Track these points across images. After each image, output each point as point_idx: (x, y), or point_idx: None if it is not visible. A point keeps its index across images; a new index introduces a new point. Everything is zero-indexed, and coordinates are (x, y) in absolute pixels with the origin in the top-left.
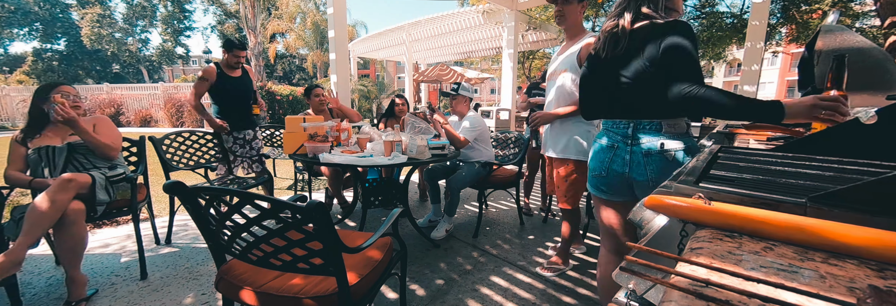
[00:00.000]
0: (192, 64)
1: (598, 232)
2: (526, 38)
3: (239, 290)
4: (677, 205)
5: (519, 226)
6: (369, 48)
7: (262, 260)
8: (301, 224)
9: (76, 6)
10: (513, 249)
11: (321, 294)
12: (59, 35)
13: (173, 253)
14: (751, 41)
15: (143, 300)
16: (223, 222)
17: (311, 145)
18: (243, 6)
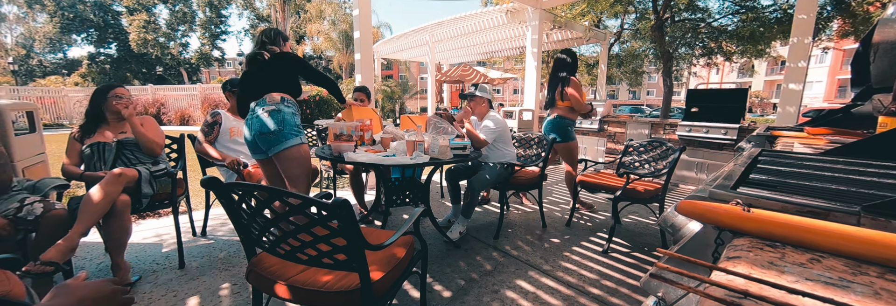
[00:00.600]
0: (227, 66)
1: (623, 235)
2: (550, 37)
3: (267, 282)
4: (713, 211)
5: (541, 228)
6: (393, 49)
7: (289, 254)
8: (326, 220)
9: (126, 13)
10: (534, 251)
11: (344, 289)
12: (111, 40)
13: (208, 244)
14: (797, 36)
15: (180, 287)
16: (254, 216)
17: (336, 144)
18: (274, 10)
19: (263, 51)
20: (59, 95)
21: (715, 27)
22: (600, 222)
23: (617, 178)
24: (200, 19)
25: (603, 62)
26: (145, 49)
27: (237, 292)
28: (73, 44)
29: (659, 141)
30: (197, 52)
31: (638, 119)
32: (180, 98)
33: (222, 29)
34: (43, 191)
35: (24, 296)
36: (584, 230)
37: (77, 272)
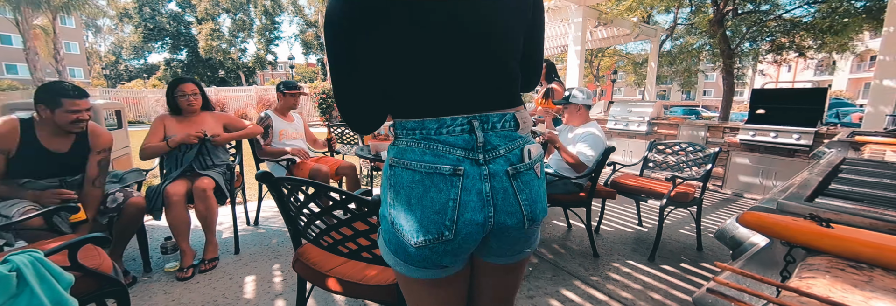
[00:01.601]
0: (279, 69)
1: (648, 239)
2: (594, 34)
3: (311, 271)
4: (783, 225)
5: (589, 246)
6: None
7: (331, 247)
8: (367, 216)
9: (195, 23)
10: (573, 258)
11: (381, 283)
12: (182, 47)
13: (260, 233)
14: (892, 25)
15: (236, 271)
16: (301, 209)
17: (373, 143)
18: (322, 16)
19: None
20: (141, 96)
21: (787, 19)
22: (628, 226)
23: (650, 181)
24: (257, 26)
25: (652, 60)
26: (211, 54)
27: (285, 279)
28: (153, 51)
29: (693, 143)
30: (253, 57)
31: (692, 121)
32: (238, 98)
33: (275, 35)
34: (126, 182)
35: (111, 271)
36: (618, 235)
37: (152, 252)
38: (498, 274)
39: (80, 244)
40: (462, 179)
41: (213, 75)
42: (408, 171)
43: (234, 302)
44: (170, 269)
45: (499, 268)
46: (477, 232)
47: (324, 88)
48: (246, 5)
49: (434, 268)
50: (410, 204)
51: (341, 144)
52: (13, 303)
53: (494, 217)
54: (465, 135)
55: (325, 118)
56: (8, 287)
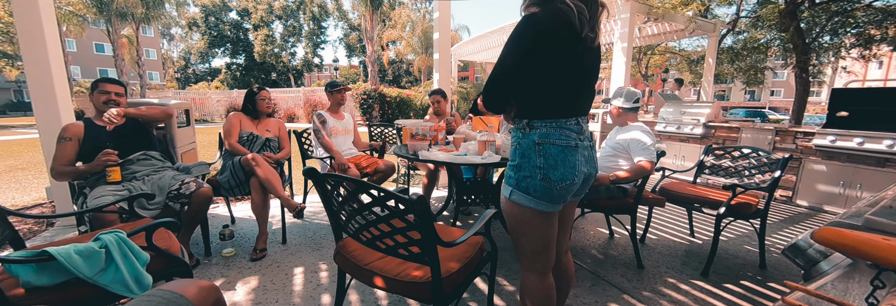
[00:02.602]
0: (324, 71)
1: (699, 252)
2: (643, 30)
3: (350, 264)
4: (873, 244)
5: (615, 242)
6: (470, 51)
7: (369, 242)
8: (404, 214)
9: (252, 29)
10: (615, 268)
11: (416, 280)
12: (241, 52)
13: (304, 225)
14: None
15: (284, 260)
16: (342, 205)
17: (412, 143)
18: (364, 20)
19: None
20: (205, 97)
21: (879, 8)
22: (678, 237)
23: (705, 189)
24: (305, 31)
25: (710, 57)
26: (264, 58)
27: (326, 269)
28: (216, 56)
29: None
30: (302, 60)
31: (758, 125)
32: (288, 99)
33: (322, 38)
34: (194, 174)
35: (179, 252)
36: (666, 246)
37: (211, 238)
38: (569, 207)
39: (156, 227)
40: (578, 150)
41: (267, 77)
42: (554, 146)
43: (281, 288)
44: (226, 254)
45: (571, 204)
46: (582, 178)
47: (364, 89)
48: (296, 12)
49: (560, 203)
50: (557, 164)
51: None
52: (101, 276)
53: (589, 170)
54: (577, 126)
55: (365, 118)
56: (98, 261)
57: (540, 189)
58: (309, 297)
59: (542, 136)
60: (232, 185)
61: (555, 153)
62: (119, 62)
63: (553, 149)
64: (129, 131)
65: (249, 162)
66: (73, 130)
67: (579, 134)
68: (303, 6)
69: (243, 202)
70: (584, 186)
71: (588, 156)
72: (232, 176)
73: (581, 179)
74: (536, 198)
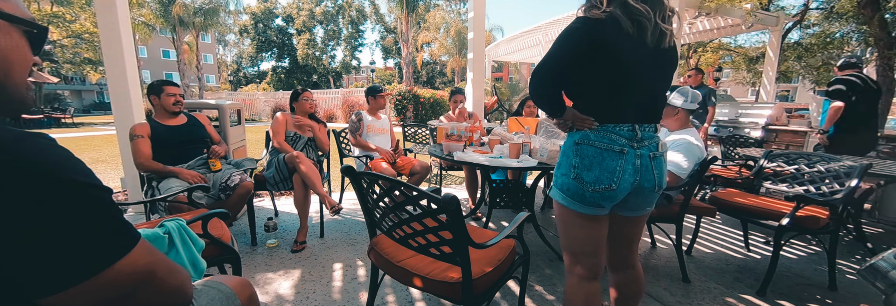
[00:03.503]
0: (361, 73)
1: (752, 269)
2: (694, 26)
3: (383, 260)
4: None
5: (657, 253)
6: (505, 51)
7: (402, 240)
8: (436, 213)
9: (296, 34)
10: (657, 280)
11: (447, 280)
12: (285, 56)
13: (341, 221)
14: None
15: (321, 253)
16: (377, 202)
17: (447, 143)
18: (400, 22)
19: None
20: (254, 98)
21: None
22: (730, 250)
23: (763, 199)
24: (344, 35)
25: (773, 53)
26: (306, 61)
27: (360, 265)
28: (263, 60)
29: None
30: (340, 62)
31: None
32: (327, 100)
33: (359, 41)
34: (243, 168)
35: (229, 241)
36: (716, 259)
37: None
38: (626, 223)
39: (211, 216)
40: (625, 156)
41: (308, 79)
42: (592, 147)
43: (318, 279)
44: (270, 245)
45: (627, 220)
46: (627, 188)
47: (399, 90)
48: (336, 16)
49: (595, 207)
50: (592, 165)
51: (414, 143)
52: None
53: (639, 181)
54: (630, 133)
55: (399, 118)
56: (162, 245)
57: (572, 188)
58: (344, 290)
59: (582, 137)
60: (277, 181)
61: (591, 154)
62: (182, 66)
63: (590, 151)
64: (190, 130)
65: (293, 159)
66: (142, 129)
67: (632, 140)
68: (342, 11)
69: (287, 197)
70: (638, 200)
71: (641, 166)
72: (277, 172)
73: (625, 188)
74: (569, 197)
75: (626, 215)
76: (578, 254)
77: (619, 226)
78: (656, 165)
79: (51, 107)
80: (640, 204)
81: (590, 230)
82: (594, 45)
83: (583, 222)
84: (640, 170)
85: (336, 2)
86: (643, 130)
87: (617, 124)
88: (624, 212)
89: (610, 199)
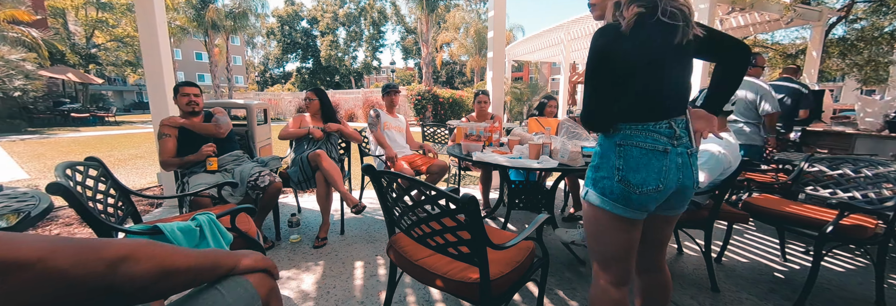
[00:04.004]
0: (382, 73)
1: (790, 280)
2: (726, 22)
3: (401, 258)
4: None
5: (705, 277)
6: (525, 50)
7: (420, 238)
8: (455, 213)
9: (319, 36)
10: (684, 289)
11: (464, 280)
12: (309, 57)
13: (360, 219)
14: None
15: (342, 249)
16: (396, 201)
17: (465, 143)
18: (420, 23)
19: None
20: (279, 98)
21: None
22: (764, 259)
23: (802, 206)
24: (366, 36)
25: (814, 50)
26: (329, 62)
27: (379, 262)
28: (288, 61)
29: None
30: (362, 63)
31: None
32: (349, 100)
33: (380, 42)
34: (269, 166)
35: (256, 235)
36: (748, 268)
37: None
38: (662, 224)
39: (238, 211)
40: (668, 155)
41: (331, 80)
42: (637, 148)
43: (338, 275)
44: (293, 240)
45: (664, 219)
46: (673, 187)
47: (419, 90)
48: (358, 18)
49: (641, 211)
50: (639, 167)
51: (433, 143)
52: None
53: (682, 179)
54: (669, 130)
55: (419, 118)
56: (194, 237)
57: (617, 191)
58: (364, 287)
59: (624, 138)
60: (300, 179)
61: (636, 156)
62: (213, 68)
63: (635, 152)
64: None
65: (317, 157)
66: (170, 129)
67: (672, 138)
68: (364, 12)
69: (309, 193)
70: (679, 199)
71: (683, 164)
72: (300, 170)
73: (670, 188)
74: (612, 200)
75: (664, 215)
76: (610, 259)
77: (653, 227)
78: (693, 162)
79: (96, 107)
80: (679, 203)
81: (627, 234)
82: (608, 54)
83: (622, 226)
84: (682, 168)
85: (358, 3)
86: (678, 126)
87: (656, 122)
88: (663, 211)
89: (656, 201)
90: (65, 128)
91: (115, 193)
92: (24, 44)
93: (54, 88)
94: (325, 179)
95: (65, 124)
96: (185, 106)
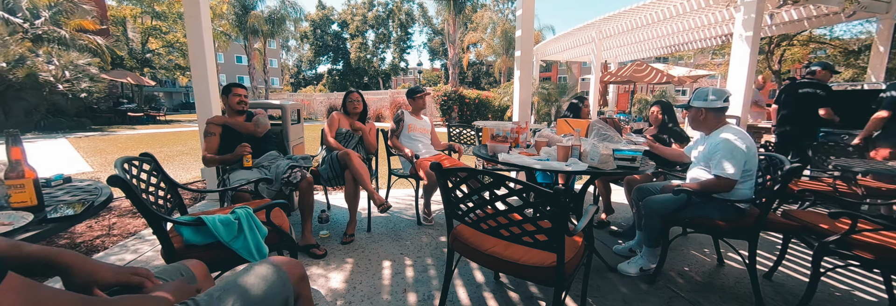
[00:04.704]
0: (408, 74)
1: None
2: (777, 17)
3: (469, 249)
4: None
5: (749, 292)
6: (554, 50)
7: (492, 230)
8: (544, 205)
9: (349, 38)
10: (722, 301)
11: (539, 264)
12: (340, 59)
13: (386, 218)
14: None
15: (368, 246)
16: (467, 197)
17: (491, 144)
18: (447, 24)
19: None
20: (311, 98)
21: None
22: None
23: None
24: (393, 38)
25: (882, 45)
26: (358, 64)
27: (405, 262)
28: (320, 63)
29: None
30: (390, 64)
31: None
32: (377, 100)
33: (408, 44)
34: (301, 165)
35: (288, 230)
36: (800, 287)
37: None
38: None
39: (273, 206)
40: None
41: (360, 81)
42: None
43: (364, 271)
44: (323, 236)
45: None
46: None
47: (445, 91)
48: (386, 20)
49: None
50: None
51: (459, 143)
52: (234, 241)
53: None
54: None
55: (444, 118)
56: (233, 229)
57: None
58: (389, 284)
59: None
60: (330, 176)
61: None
62: (252, 70)
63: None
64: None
65: (346, 156)
66: (215, 127)
67: None
68: (392, 15)
69: (338, 191)
70: None
71: None
72: (330, 168)
73: None
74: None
75: None
76: None
77: None
78: None
79: (149, 107)
80: None
81: None
82: None
83: None
84: None
85: (387, 6)
86: None
87: None
88: None
89: None
90: (122, 126)
91: (165, 186)
92: (90, 50)
93: (114, 90)
94: (354, 178)
95: (122, 122)
96: (236, 105)
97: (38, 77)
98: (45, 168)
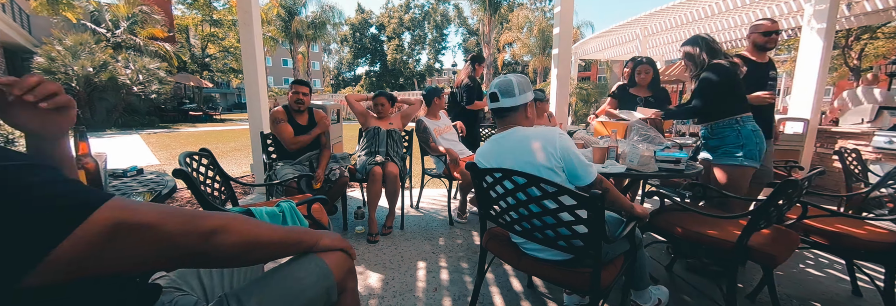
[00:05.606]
0: (443, 75)
1: None
2: (859, 5)
3: (503, 249)
4: None
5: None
6: (594, 48)
7: (526, 232)
8: (577, 208)
9: (386, 41)
10: None
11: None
12: (377, 61)
13: (419, 216)
14: None
15: (401, 243)
16: (501, 198)
17: None
18: (482, 24)
19: None
20: None
21: None
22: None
23: None
24: (429, 39)
25: None
26: (395, 65)
27: (436, 260)
28: (359, 65)
29: None
30: (425, 65)
31: None
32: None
33: (443, 45)
34: (341, 163)
35: (327, 224)
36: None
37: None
38: None
39: (314, 201)
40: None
41: (396, 82)
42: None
43: (397, 267)
44: (358, 231)
45: None
46: None
47: None
48: (422, 22)
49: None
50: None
51: (483, 143)
52: None
53: None
54: None
55: None
56: (278, 221)
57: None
58: (421, 281)
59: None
60: (364, 175)
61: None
62: (296, 73)
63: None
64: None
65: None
66: (281, 113)
67: None
68: (428, 16)
69: None
70: None
71: None
72: (364, 169)
73: None
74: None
75: None
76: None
77: None
78: None
79: (207, 107)
80: None
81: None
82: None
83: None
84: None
85: (423, 8)
86: None
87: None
88: None
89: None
90: (185, 124)
91: (220, 179)
92: (159, 55)
93: (178, 91)
94: (387, 178)
95: (185, 121)
96: (294, 103)
97: (117, 80)
98: (123, 160)
